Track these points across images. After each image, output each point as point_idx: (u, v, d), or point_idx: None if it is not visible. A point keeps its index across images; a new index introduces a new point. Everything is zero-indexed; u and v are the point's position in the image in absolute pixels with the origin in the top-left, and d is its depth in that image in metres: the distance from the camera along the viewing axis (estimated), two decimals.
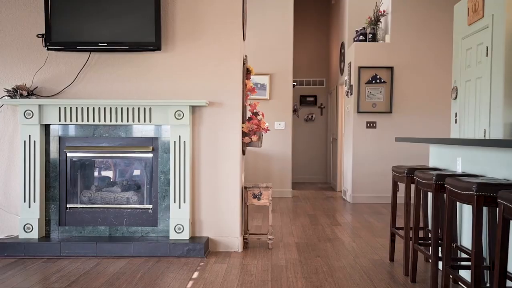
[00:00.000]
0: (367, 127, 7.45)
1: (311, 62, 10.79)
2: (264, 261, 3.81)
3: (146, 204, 4.22)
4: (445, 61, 7.35)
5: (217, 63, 4.15)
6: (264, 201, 4.29)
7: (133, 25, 4.02)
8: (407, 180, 3.38)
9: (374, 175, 7.41)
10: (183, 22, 4.15)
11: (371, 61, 7.41)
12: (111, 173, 4.50)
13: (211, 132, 4.16)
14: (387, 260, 3.84)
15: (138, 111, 4.03)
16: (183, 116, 4.02)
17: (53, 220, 4.16)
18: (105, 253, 3.90)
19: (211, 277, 3.36)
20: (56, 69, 4.16)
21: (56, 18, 3.99)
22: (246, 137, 4.28)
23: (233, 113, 4.16)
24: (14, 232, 4.16)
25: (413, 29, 7.38)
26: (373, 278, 3.33)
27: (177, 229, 4.04)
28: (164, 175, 4.14)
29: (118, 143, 4.17)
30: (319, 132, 10.78)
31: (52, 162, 4.17)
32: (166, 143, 4.14)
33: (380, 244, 4.44)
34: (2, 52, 4.15)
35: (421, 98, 7.38)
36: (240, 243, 4.16)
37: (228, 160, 4.16)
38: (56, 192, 4.17)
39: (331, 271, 3.51)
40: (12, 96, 4.00)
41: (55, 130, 4.16)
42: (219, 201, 4.16)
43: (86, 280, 3.27)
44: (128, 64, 4.16)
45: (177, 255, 3.89)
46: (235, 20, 4.16)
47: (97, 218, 4.17)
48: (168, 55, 4.16)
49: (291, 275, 3.42)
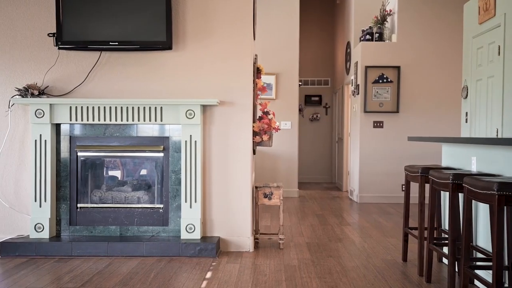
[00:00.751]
0: (374, 127, 7.43)
1: (316, 62, 10.77)
2: (276, 261, 3.79)
3: (157, 203, 4.21)
4: (452, 60, 7.33)
5: (227, 62, 4.14)
6: (275, 200, 4.27)
7: (144, 24, 4.00)
8: (421, 179, 3.37)
9: (381, 175, 7.39)
10: (194, 21, 4.14)
11: (378, 60, 7.40)
12: (121, 172, 4.49)
13: (221, 132, 4.15)
14: (400, 260, 3.83)
15: (149, 111, 4.02)
16: (194, 115, 4.00)
17: (63, 220, 4.15)
18: (117, 253, 3.89)
19: (224, 277, 3.35)
20: (67, 68, 4.15)
21: (67, 17, 3.98)
22: (257, 137, 4.27)
23: (244, 112, 4.15)
24: (24, 231, 4.15)
25: (420, 29, 7.36)
26: (387, 279, 3.31)
27: (188, 229, 4.02)
28: (175, 174, 4.13)
29: (128, 143, 4.16)
30: (324, 132, 10.76)
31: (63, 162, 4.15)
32: (177, 143, 4.13)
33: (391, 244, 4.42)
34: (12, 51, 4.14)
35: (428, 97, 7.37)
36: (252, 243, 4.15)
37: (239, 159, 4.15)
38: (66, 191, 4.16)
39: (344, 271, 3.50)
40: (23, 95, 3.99)
41: (66, 129, 4.15)
42: (230, 201, 4.15)
43: (99, 280, 3.26)
44: (138, 63, 4.15)
45: (189, 255, 3.88)
46: (246, 19, 4.15)
47: (108, 217, 4.16)
48: (178, 54, 4.15)
49: (304, 275, 3.40)
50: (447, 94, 7.36)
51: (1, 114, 4.15)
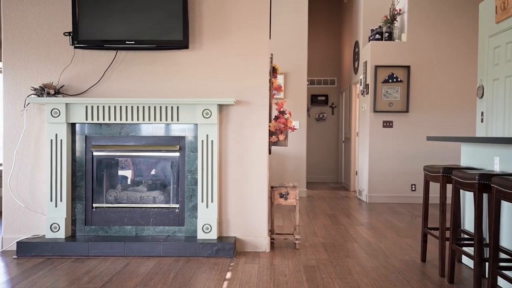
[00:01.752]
0: (383, 127, 7.41)
1: (322, 62, 10.74)
2: (294, 262, 3.77)
3: (173, 203, 4.19)
4: (463, 60, 7.31)
5: (244, 61, 4.12)
6: (291, 200, 4.25)
7: (160, 23, 3.98)
8: (442, 179, 3.34)
9: (391, 174, 7.37)
10: (210, 20, 4.11)
11: (388, 60, 7.37)
12: (137, 172, 4.46)
13: (238, 131, 4.12)
14: (418, 260, 3.80)
15: (165, 110, 4.00)
16: (211, 115, 3.98)
17: (79, 220, 4.13)
18: (134, 253, 3.87)
19: (244, 277, 3.32)
20: (82, 68, 4.13)
21: (83, 16, 3.96)
22: (273, 136, 4.25)
23: (260, 112, 4.12)
24: (39, 231, 4.13)
25: (430, 28, 7.33)
26: (409, 279, 3.29)
27: (205, 229, 4.00)
28: (191, 174, 4.10)
29: (144, 142, 4.14)
30: (330, 132, 10.74)
31: (78, 161, 4.13)
32: (193, 142, 4.11)
33: (407, 244, 4.40)
34: (28, 50, 4.12)
35: (438, 97, 7.34)
36: (268, 243, 4.12)
37: (255, 159, 4.12)
38: (82, 191, 4.13)
39: (365, 272, 3.47)
40: (39, 95, 3.97)
41: (81, 129, 4.13)
42: (246, 201, 4.13)
43: (119, 280, 3.24)
44: (154, 63, 4.13)
45: (206, 255, 3.86)
46: (263, 17, 4.12)
47: (124, 217, 4.14)
48: (195, 53, 4.12)
49: (325, 275, 3.38)
50: (457, 94, 7.33)
51: (16, 114, 4.13)
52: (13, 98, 4.13)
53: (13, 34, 4.11)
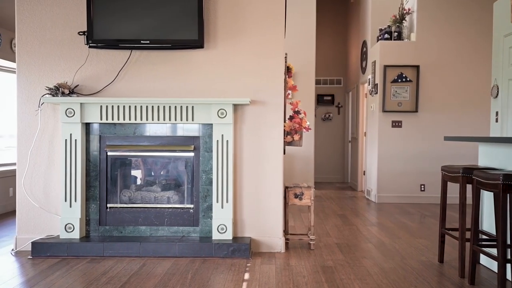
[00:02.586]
0: (392, 126, 7.38)
1: (328, 62, 10.72)
2: (310, 262, 3.75)
3: (187, 203, 4.16)
4: (473, 59, 7.28)
5: (259, 60, 4.09)
6: (305, 201, 4.23)
7: (175, 22, 3.96)
8: (462, 180, 3.32)
9: (400, 174, 7.34)
10: (225, 19, 4.09)
11: (397, 59, 7.35)
12: (151, 172, 4.45)
13: (253, 131, 4.10)
14: (435, 261, 3.78)
15: (180, 110, 3.98)
16: (226, 114, 3.96)
17: (93, 220, 4.11)
18: (149, 254, 3.84)
19: (263, 278, 3.30)
20: (97, 67, 4.11)
21: (98, 16, 3.94)
22: (288, 136, 4.22)
23: (275, 111, 4.10)
24: (54, 231, 4.11)
25: (440, 27, 7.31)
26: (429, 280, 3.27)
27: (220, 229, 3.98)
28: (205, 174, 4.08)
29: (158, 142, 4.12)
30: (336, 132, 10.71)
31: (93, 161, 4.11)
32: (208, 142, 4.09)
33: (422, 245, 4.38)
34: (42, 50, 4.10)
35: (448, 97, 7.31)
36: (283, 244, 4.10)
37: (270, 159, 4.10)
38: (96, 191, 4.11)
39: (383, 273, 3.45)
40: (54, 94, 3.95)
41: (96, 128, 4.11)
42: (261, 201, 4.11)
43: (137, 281, 3.22)
44: (169, 62, 4.11)
45: (222, 256, 3.83)
46: (278, 16, 4.10)
47: (138, 218, 4.12)
48: (209, 53, 4.10)
49: (344, 276, 3.36)
50: (467, 94, 7.31)
51: (30, 114, 4.11)
52: (27, 98, 4.11)
53: (27, 34, 4.09)
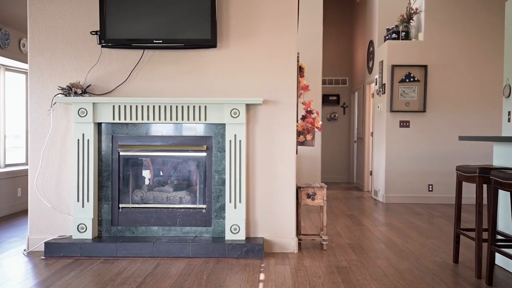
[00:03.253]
0: (400, 126, 7.36)
1: (333, 62, 10.70)
2: (324, 263, 3.73)
3: (200, 204, 4.15)
4: (481, 59, 7.26)
5: (271, 60, 4.08)
6: (318, 201, 4.21)
7: (188, 22, 3.94)
8: (479, 180, 3.30)
9: (408, 175, 7.32)
10: (238, 19, 4.08)
11: (404, 59, 7.33)
12: (163, 172, 4.43)
13: (265, 131, 4.09)
14: (450, 261, 3.76)
15: (193, 110, 3.96)
16: (239, 114, 3.95)
17: (105, 220, 4.10)
18: (162, 254, 3.83)
19: (279, 278, 3.29)
20: (109, 67, 4.10)
21: (111, 15, 3.92)
22: (301, 136, 4.21)
23: (288, 111, 4.09)
24: (66, 232, 4.09)
25: (448, 27, 7.29)
26: (446, 281, 3.25)
27: (233, 230, 3.97)
28: (218, 174, 4.07)
29: (171, 142, 4.10)
30: (342, 132, 10.69)
31: (105, 161, 4.10)
32: (221, 142, 4.07)
33: (434, 245, 4.36)
34: (54, 49, 4.09)
35: (456, 97, 7.29)
36: (296, 244, 4.08)
37: (283, 159, 4.08)
38: (108, 191, 4.10)
39: (399, 273, 3.43)
40: (67, 94, 3.94)
41: (108, 128, 4.10)
42: (274, 201, 4.09)
43: (153, 281, 3.20)
44: (181, 62, 4.09)
45: (236, 256, 3.82)
46: (291, 15, 4.08)
47: (150, 218, 4.10)
48: (222, 52, 4.09)
49: (360, 277, 3.34)
50: (476, 94, 7.28)
51: (42, 113, 4.10)
52: (39, 98, 4.09)
53: (39, 33, 4.08)
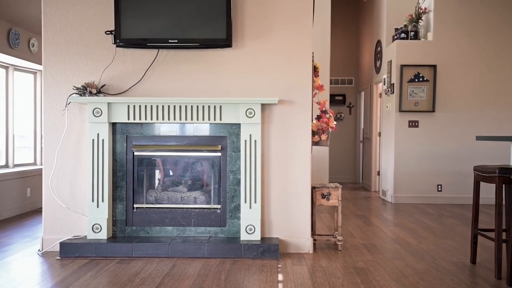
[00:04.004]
0: (409, 126, 7.34)
1: (339, 62, 10.68)
2: (341, 263, 3.71)
3: (214, 204, 4.14)
4: (492, 59, 7.23)
5: (287, 60, 4.06)
6: (333, 201, 4.20)
7: (203, 21, 3.93)
8: (498, 180, 3.28)
9: (417, 175, 7.30)
10: (253, 18, 4.06)
11: (413, 59, 7.31)
12: (177, 172, 4.42)
13: (280, 131, 4.07)
14: (467, 262, 3.74)
15: (208, 109, 3.95)
16: (255, 114, 3.93)
17: (119, 221, 4.09)
18: (178, 254, 3.81)
19: (298, 279, 3.27)
20: (123, 67, 4.08)
21: (126, 15, 3.91)
22: (316, 136, 4.19)
23: (303, 111, 4.07)
24: (80, 232, 4.08)
25: (457, 27, 7.26)
26: (465, 282, 3.23)
27: (248, 230, 3.95)
28: (233, 174, 4.05)
29: (185, 142, 4.09)
30: (348, 132, 10.67)
31: (119, 161, 4.09)
32: (235, 142, 4.05)
33: (449, 246, 4.34)
34: (68, 49, 4.07)
35: (465, 96, 7.27)
36: (311, 245, 4.07)
37: (298, 159, 4.07)
38: (123, 191, 4.09)
39: (418, 274, 3.41)
40: (82, 94, 3.92)
41: (122, 128, 4.08)
42: (289, 201, 4.08)
43: (172, 282, 3.19)
44: (196, 61, 4.08)
45: (252, 257, 3.80)
46: (306, 15, 4.07)
47: (165, 218, 4.09)
48: (237, 52, 4.07)
49: (379, 277, 3.32)
50: (486, 94, 7.26)
51: (56, 113, 4.08)
52: (53, 98, 4.08)
53: (53, 33, 4.07)
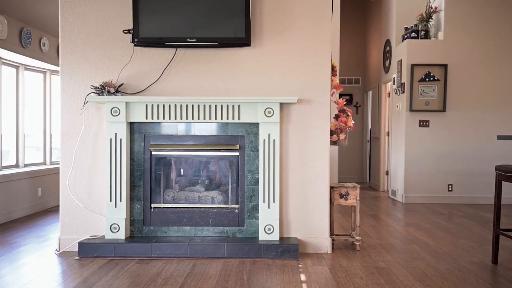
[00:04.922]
0: (419, 126, 7.32)
1: (346, 61, 10.65)
2: (361, 263, 3.69)
3: (232, 204, 4.11)
4: (502, 58, 7.20)
5: (305, 59, 4.04)
6: (351, 201, 4.17)
7: (222, 20, 3.91)
8: None
9: (428, 174, 7.28)
10: (271, 16, 4.04)
11: (424, 58, 7.28)
12: (195, 171, 4.39)
13: (299, 130, 4.05)
14: (488, 262, 3.72)
15: (226, 109, 3.93)
16: (273, 113, 3.91)
17: (137, 220, 4.07)
18: (197, 254, 3.79)
19: (321, 279, 3.25)
20: (141, 66, 4.06)
21: (144, 14, 3.89)
22: (334, 135, 4.17)
23: (321, 110, 4.05)
24: (97, 232, 4.06)
25: (468, 26, 7.24)
26: (490, 282, 3.21)
27: (267, 230, 3.93)
28: (251, 174, 4.03)
29: (203, 141, 4.07)
30: (355, 132, 10.64)
31: (137, 161, 4.07)
32: (254, 141, 4.03)
33: (467, 246, 4.32)
34: (86, 48, 4.05)
35: (477, 96, 7.25)
36: (329, 245, 4.05)
37: (316, 159, 4.05)
38: (140, 191, 4.07)
39: (441, 274, 3.39)
40: (100, 93, 3.90)
41: (140, 127, 4.06)
42: (307, 201, 4.05)
43: (194, 282, 3.17)
44: (214, 60, 4.06)
45: (271, 257, 3.78)
46: (324, 14, 4.04)
47: (182, 218, 4.07)
48: (255, 51, 4.05)
49: (402, 278, 3.30)
50: (497, 93, 7.24)
51: (74, 113, 4.06)
52: (71, 97, 4.06)
53: (70, 32, 4.05)
